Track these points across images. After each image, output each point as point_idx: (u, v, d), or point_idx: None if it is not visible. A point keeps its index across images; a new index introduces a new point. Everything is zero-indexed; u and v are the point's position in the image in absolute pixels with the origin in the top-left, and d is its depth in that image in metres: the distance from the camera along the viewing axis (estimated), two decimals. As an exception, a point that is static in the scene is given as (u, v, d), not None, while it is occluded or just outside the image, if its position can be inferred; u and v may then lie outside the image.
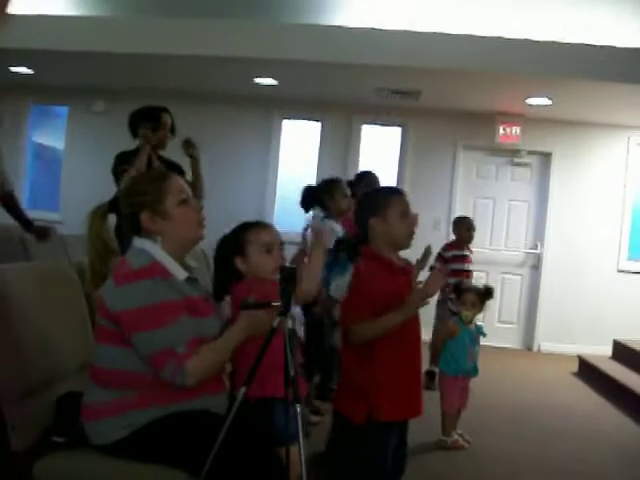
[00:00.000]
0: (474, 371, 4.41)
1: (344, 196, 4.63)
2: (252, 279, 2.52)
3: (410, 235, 2.73)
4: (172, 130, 4.58)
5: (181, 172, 4.53)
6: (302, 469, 2.01)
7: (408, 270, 2.71)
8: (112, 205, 2.41)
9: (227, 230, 2.71)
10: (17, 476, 2.19)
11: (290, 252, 3.01)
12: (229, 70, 7.18)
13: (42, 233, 4.90)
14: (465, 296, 4.39)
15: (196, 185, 4.48)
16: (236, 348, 2.27)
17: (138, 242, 2.28)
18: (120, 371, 2.18)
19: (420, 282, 2.62)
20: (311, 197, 4.76)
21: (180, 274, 2.26)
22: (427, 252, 2.78)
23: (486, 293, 4.47)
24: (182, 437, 2.16)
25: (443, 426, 4.35)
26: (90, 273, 2.37)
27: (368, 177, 5.36)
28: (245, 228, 2.64)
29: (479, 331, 4.47)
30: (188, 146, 4.61)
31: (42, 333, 2.39)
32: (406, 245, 2.73)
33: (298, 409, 2.05)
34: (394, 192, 2.83)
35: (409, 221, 2.71)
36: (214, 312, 2.40)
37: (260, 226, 2.67)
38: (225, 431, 2.04)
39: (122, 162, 4.36)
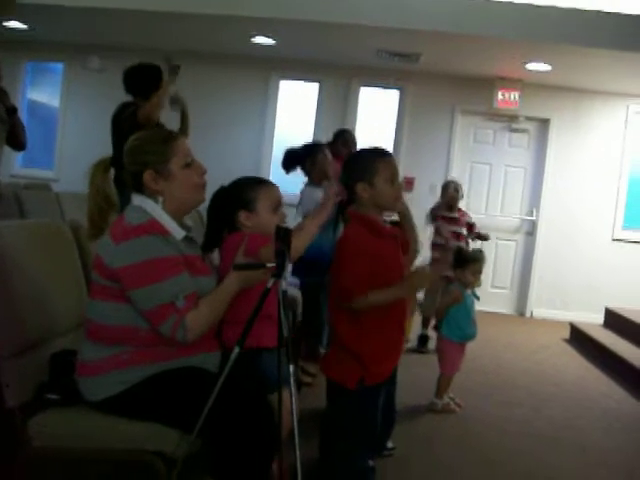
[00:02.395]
0: (476, 334, 4.47)
1: (325, 161, 4.62)
2: (247, 232, 2.51)
3: (397, 199, 2.71)
4: None
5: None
6: (293, 417, 2.02)
7: (395, 232, 2.72)
8: (114, 160, 2.39)
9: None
10: (12, 433, 2.20)
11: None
12: (226, 29, 7.10)
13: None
14: (473, 266, 4.41)
15: (184, 123, 4.80)
16: (233, 300, 2.28)
17: (137, 199, 2.28)
18: (114, 327, 2.19)
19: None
20: (293, 160, 4.75)
21: (178, 233, 2.26)
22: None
23: (484, 256, 4.54)
24: (175, 395, 2.18)
25: (438, 389, 4.39)
26: (89, 225, 2.36)
27: (343, 136, 5.31)
28: (255, 184, 2.63)
29: (474, 295, 4.51)
30: (176, 101, 4.78)
31: (37, 290, 2.39)
32: (392, 209, 2.72)
33: (292, 370, 2.05)
34: (381, 156, 2.71)
35: (396, 186, 2.68)
36: (211, 272, 2.41)
37: (270, 184, 2.67)
38: (218, 390, 2.05)
39: (127, 108, 4.39)
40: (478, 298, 4.56)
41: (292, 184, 4.99)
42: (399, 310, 2.74)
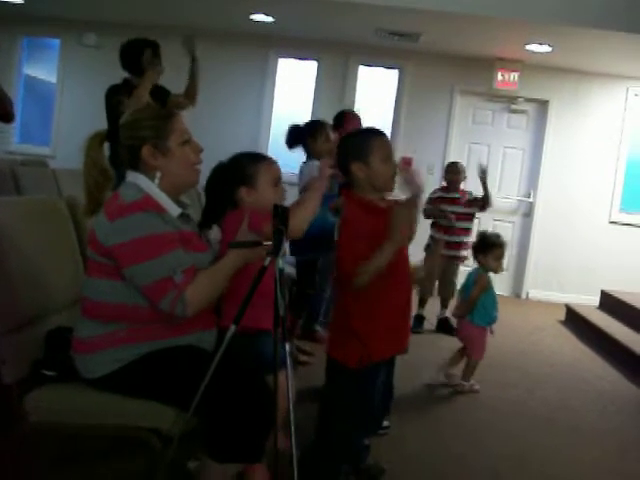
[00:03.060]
0: (497, 317, 4.57)
1: (326, 140, 4.59)
2: (248, 208, 2.51)
3: (392, 178, 2.68)
4: None
5: (167, 92, 4.60)
6: (289, 398, 2.02)
7: (391, 208, 2.69)
8: (110, 134, 2.36)
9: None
10: (8, 408, 2.20)
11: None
12: (225, 5, 7.04)
13: None
14: (496, 251, 4.46)
15: (192, 86, 4.84)
16: (232, 277, 2.27)
17: (132, 176, 2.26)
18: (110, 304, 2.18)
19: None
20: (296, 136, 4.73)
21: (173, 210, 2.26)
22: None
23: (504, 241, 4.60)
24: (171, 372, 2.18)
25: (466, 372, 4.52)
26: (87, 199, 2.33)
27: (347, 117, 5.23)
28: (255, 159, 2.63)
29: None
30: (190, 42, 4.77)
31: (33, 267, 2.38)
32: (389, 189, 2.69)
33: (287, 348, 2.05)
34: (375, 135, 2.70)
35: (391, 164, 2.66)
36: (207, 248, 2.40)
37: (270, 159, 2.68)
38: (214, 368, 2.05)
39: (116, 94, 4.36)
40: None
41: (291, 162, 4.99)
42: (402, 293, 2.71)
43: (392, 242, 2.47)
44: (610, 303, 7.07)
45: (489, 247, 4.46)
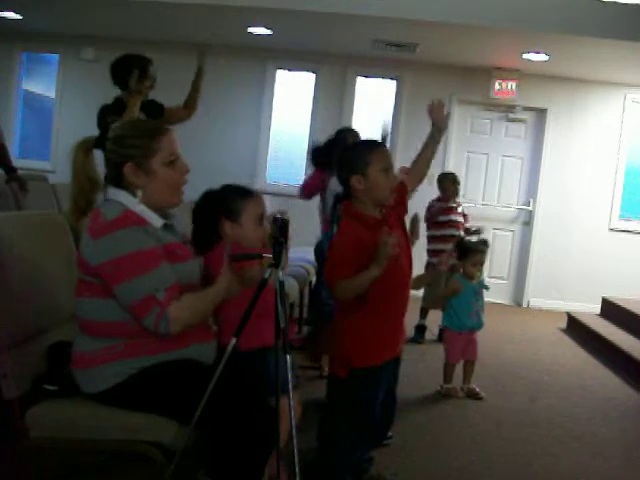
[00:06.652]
0: (479, 325, 4.54)
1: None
2: (231, 244, 2.50)
3: (392, 190, 2.69)
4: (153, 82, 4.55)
5: (162, 108, 4.60)
6: (291, 421, 2.02)
7: (388, 220, 2.69)
8: (99, 141, 2.35)
9: (214, 182, 2.68)
10: (10, 424, 2.20)
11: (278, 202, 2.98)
12: (223, 19, 7.06)
13: (22, 184, 4.93)
14: (474, 257, 4.43)
15: (193, 97, 4.82)
16: (220, 302, 2.26)
17: (112, 193, 2.23)
18: (104, 322, 2.17)
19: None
20: (319, 156, 4.68)
21: (156, 221, 2.23)
22: (414, 220, 2.85)
23: (486, 247, 4.54)
24: (172, 386, 2.17)
25: (444, 375, 4.55)
26: (72, 205, 2.33)
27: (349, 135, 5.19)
28: (242, 195, 2.61)
29: (482, 285, 4.54)
30: (202, 55, 4.83)
31: (33, 281, 2.38)
32: (387, 201, 2.69)
33: (288, 359, 2.05)
34: (373, 147, 2.71)
35: (390, 176, 2.66)
36: (193, 256, 2.37)
37: (257, 197, 2.65)
38: (215, 380, 2.05)
39: (107, 114, 4.34)
40: (487, 288, 4.61)
41: (289, 175, 4.98)
42: (394, 303, 2.73)
43: (375, 268, 2.46)
44: (611, 310, 7.06)
45: (466, 253, 4.46)
